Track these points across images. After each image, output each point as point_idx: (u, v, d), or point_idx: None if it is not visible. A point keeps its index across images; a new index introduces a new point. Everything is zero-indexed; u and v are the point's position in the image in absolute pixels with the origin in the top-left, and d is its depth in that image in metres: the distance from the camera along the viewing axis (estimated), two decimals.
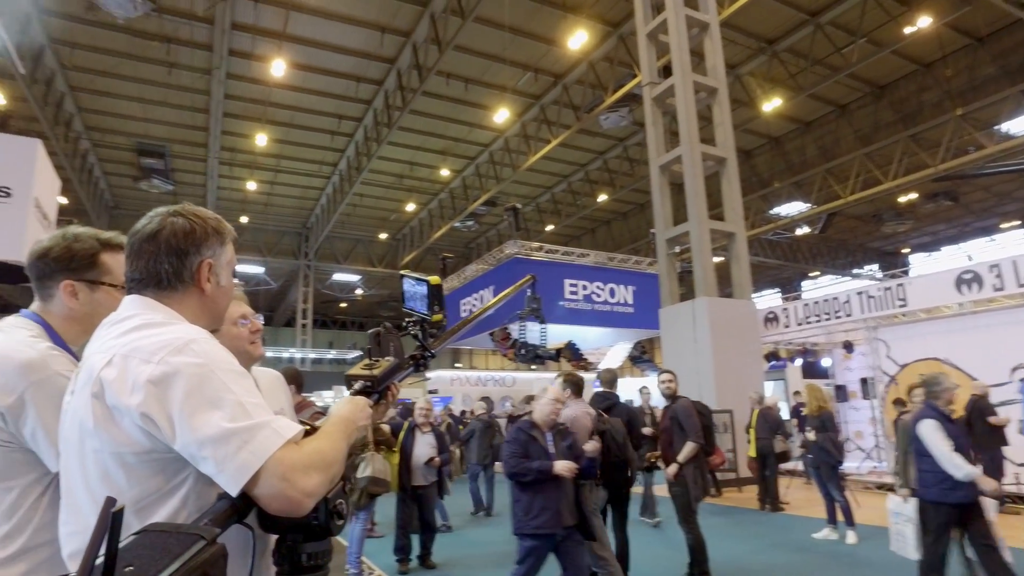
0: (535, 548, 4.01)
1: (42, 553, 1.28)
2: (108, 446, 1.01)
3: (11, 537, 1.28)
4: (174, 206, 1.24)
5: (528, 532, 3.98)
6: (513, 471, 4.03)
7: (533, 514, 3.97)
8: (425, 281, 1.52)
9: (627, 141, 19.86)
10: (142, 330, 1.07)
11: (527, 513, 3.98)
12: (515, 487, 4.10)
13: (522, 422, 4.23)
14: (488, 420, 10.19)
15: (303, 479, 0.97)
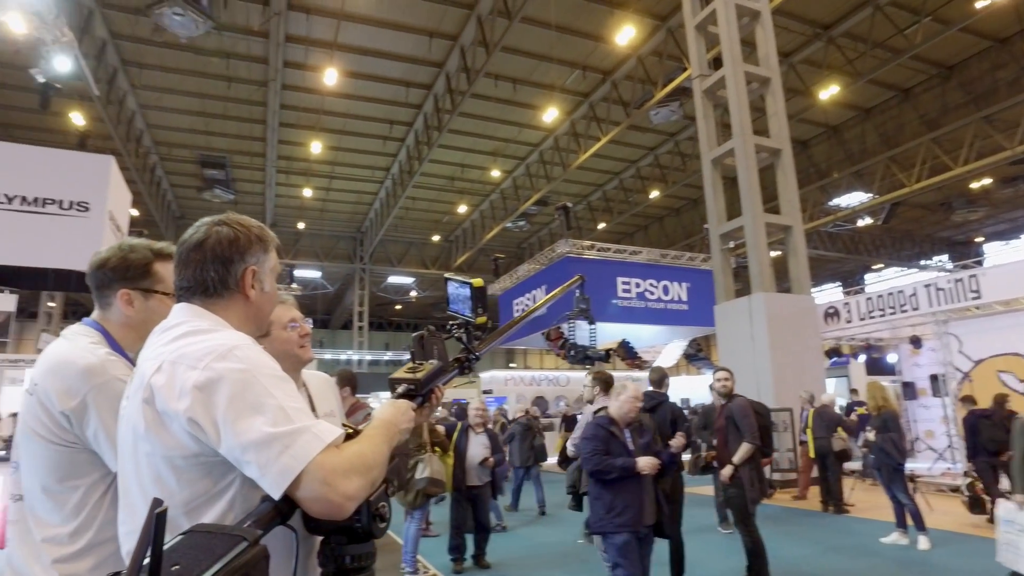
0: (628, 544, 3.89)
1: (108, 548, 1.34)
2: (159, 450, 1.04)
3: (79, 533, 1.35)
4: (219, 215, 1.27)
5: (611, 530, 3.88)
6: (597, 468, 3.92)
7: (616, 512, 3.89)
8: (468, 284, 1.53)
9: (678, 136, 19.52)
10: (189, 337, 1.11)
11: (609, 511, 3.90)
12: (595, 485, 4.00)
13: (599, 418, 4.14)
14: (527, 422, 10.24)
15: (343, 482, 0.99)
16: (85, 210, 10.05)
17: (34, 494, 1.40)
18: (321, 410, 1.81)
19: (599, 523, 3.95)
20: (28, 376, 1.52)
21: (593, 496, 4.02)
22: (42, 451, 1.38)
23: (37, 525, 1.38)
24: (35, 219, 9.64)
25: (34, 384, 1.42)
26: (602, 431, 4.03)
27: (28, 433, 1.41)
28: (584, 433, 4.11)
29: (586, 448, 4.02)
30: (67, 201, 9.88)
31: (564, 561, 6.58)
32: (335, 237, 27.15)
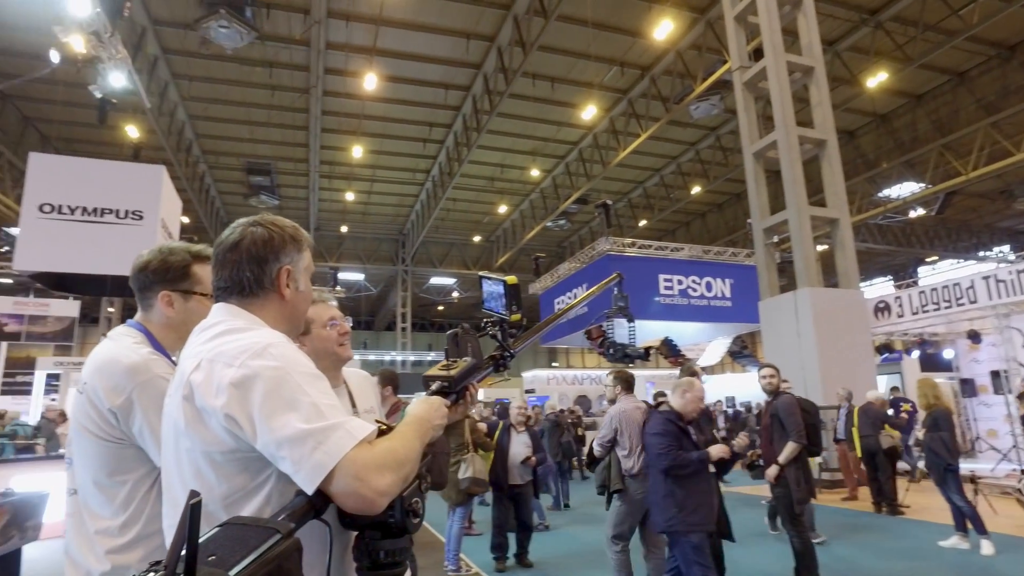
0: (703, 544, 3.74)
1: (155, 540, 1.39)
2: (198, 445, 1.08)
3: (128, 525, 1.41)
4: (254, 216, 1.30)
5: (685, 530, 3.72)
6: (674, 463, 3.78)
7: (690, 510, 3.75)
8: (502, 281, 1.53)
9: (719, 130, 19.18)
10: (226, 335, 1.14)
11: (682, 509, 3.75)
12: (666, 482, 3.84)
13: (666, 413, 4.03)
14: (555, 419, 10.30)
15: (376, 478, 1.00)
16: (139, 218, 10.48)
17: (87, 488, 1.46)
18: (361, 407, 1.84)
19: (671, 522, 3.77)
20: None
21: (662, 494, 3.85)
22: (92, 447, 1.44)
23: (90, 517, 1.44)
24: (94, 228, 10.09)
25: (83, 383, 1.48)
26: (672, 426, 3.91)
27: (79, 430, 1.47)
28: (653, 429, 4.01)
29: (659, 443, 3.88)
30: (123, 210, 10.32)
31: (606, 561, 6.54)
32: (377, 240, 27.57)
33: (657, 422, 4.07)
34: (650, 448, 3.99)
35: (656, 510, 3.91)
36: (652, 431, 4.05)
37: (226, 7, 11.67)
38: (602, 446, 4.91)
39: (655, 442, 3.95)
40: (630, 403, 4.96)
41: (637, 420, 4.79)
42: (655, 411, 4.27)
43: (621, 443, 4.80)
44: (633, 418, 4.81)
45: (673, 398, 4.13)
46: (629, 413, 4.85)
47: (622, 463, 4.78)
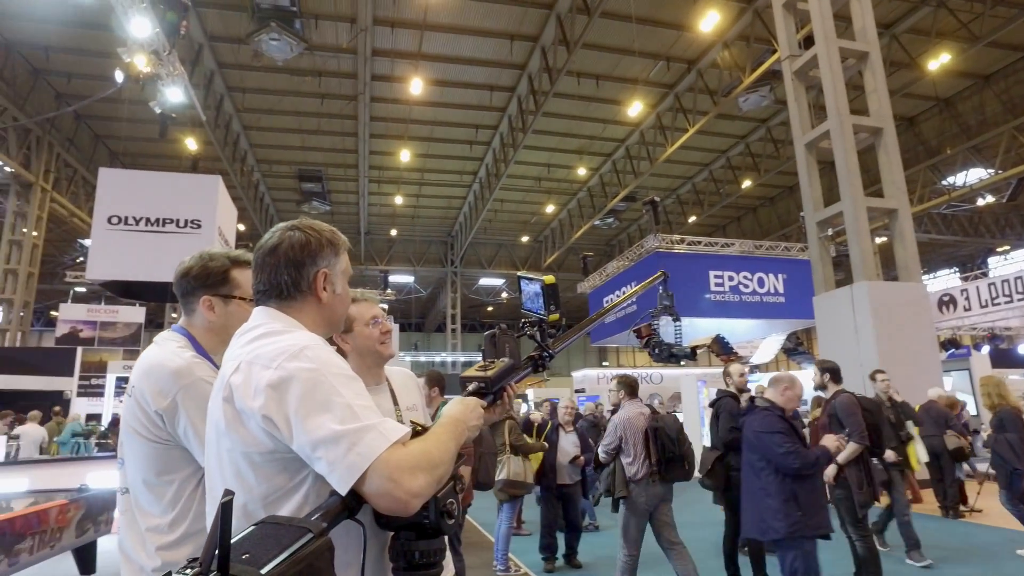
0: (814, 550, 3.48)
1: (202, 538, 1.41)
2: (238, 446, 1.10)
3: (177, 523, 1.46)
4: (292, 221, 1.32)
5: (806, 534, 3.43)
6: (804, 462, 3.49)
7: (811, 513, 3.46)
8: (539, 281, 1.52)
9: (770, 122, 18.69)
10: (264, 338, 1.16)
11: (806, 512, 3.45)
12: (787, 484, 3.53)
13: (774, 409, 3.76)
14: (594, 419, 10.15)
15: (409, 479, 1.01)
16: (198, 227, 10.93)
17: (137, 487, 1.51)
18: (403, 404, 1.86)
19: (795, 527, 3.43)
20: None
21: (783, 498, 3.51)
22: (142, 448, 1.50)
23: (141, 515, 1.49)
24: (157, 238, 10.57)
25: (132, 386, 1.54)
26: (784, 423, 3.63)
27: (129, 431, 1.52)
28: (762, 427, 3.71)
29: (780, 442, 3.56)
30: (183, 220, 10.78)
31: (658, 563, 6.46)
32: (426, 242, 27.91)
33: (766, 420, 3.75)
34: (768, 447, 3.64)
35: (772, 516, 3.54)
36: (763, 429, 3.70)
37: (276, 20, 12.05)
38: (607, 453, 4.91)
39: (776, 441, 3.60)
40: (634, 409, 4.96)
41: (640, 426, 4.82)
42: (755, 408, 4.00)
43: (626, 450, 4.81)
44: (637, 424, 4.84)
45: (772, 393, 3.89)
46: (633, 420, 4.86)
47: (626, 469, 4.79)
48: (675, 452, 4.92)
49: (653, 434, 4.85)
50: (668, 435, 4.94)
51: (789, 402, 3.80)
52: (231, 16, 13.36)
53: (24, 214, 16.81)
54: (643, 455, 4.75)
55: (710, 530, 7.51)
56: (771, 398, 3.86)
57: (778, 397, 3.84)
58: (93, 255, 10.67)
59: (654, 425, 4.92)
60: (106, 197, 10.68)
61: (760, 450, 3.72)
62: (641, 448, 4.77)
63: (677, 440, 4.97)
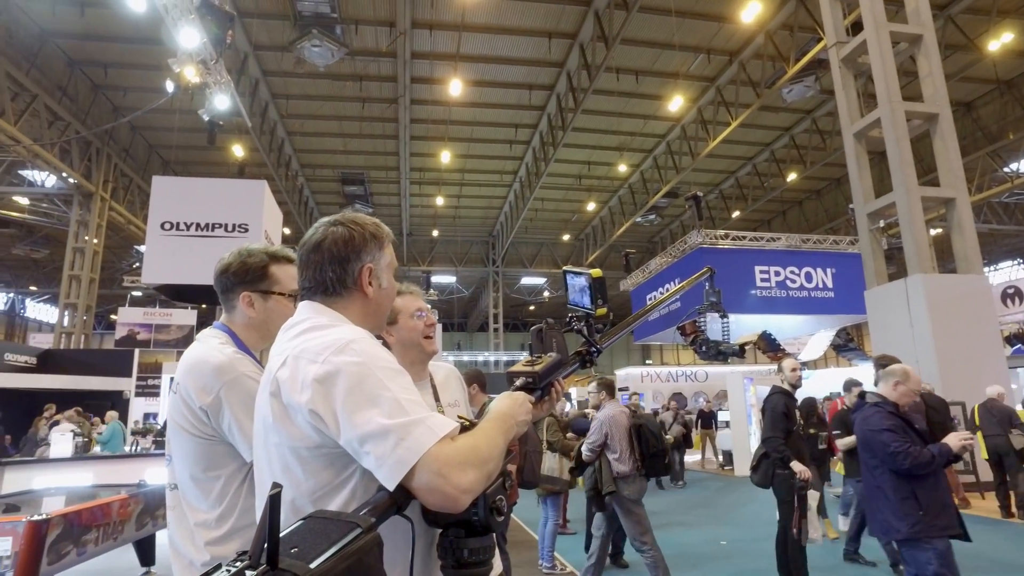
0: (949, 550, 3.24)
1: (248, 533, 1.43)
2: (286, 441, 1.09)
3: (224, 518, 1.47)
4: (335, 216, 1.31)
5: (931, 535, 3.22)
6: (917, 461, 3.27)
7: (935, 512, 3.26)
8: (586, 274, 1.48)
9: (815, 112, 18.17)
10: (310, 333, 1.14)
11: (928, 512, 3.26)
12: (904, 482, 3.34)
13: (885, 404, 3.54)
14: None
15: (458, 475, 0.99)
16: (245, 231, 11.20)
17: (185, 483, 1.53)
18: (445, 400, 1.86)
19: (916, 528, 3.25)
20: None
21: (901, 497, 3.35)
22: (188, 444, 1.51)
23: (189, 510, 1.51)
24: (207, 242, 10.87)
25: (177, 384, 1.55)
26: (897, 420, 3.45)
27: (176, 428, 1.53)
28: (872, 424, 3.50)
29: (890, 441, 3.36)
30: (231, 224, 11.06)
31: (704, 563, 6.36)
32: (468, 242, 28.08)
33: (877, 416, 3.53)
34: (877, 447, 3.44)
35: (892, 516, 3.37)
36: (873, 427, 3.50)
37: (318, 27, 12.30)
38: (592, 451, 5.06)
39: (884, 439, 3.40)
40: (615, 408, 5.19)
41: (624, 424, 5.08)
42: (865, 404, 3.78)
43: (611, 447, 5.02)
44: (620, 422, 5.08)
45: (883, 388, 3.65)
46: (617, 418, 5.09)
47: (613, 466, 4.95)
48: (658, 447, 5.18)
49: (637, 431, 5.13)
50: (651, 431, 5.22)
51: (903, 397, 3.56)
52: (274, 25, 13.69)
53: (86, 222, 17.55)
54: (628, 451, 4.98)
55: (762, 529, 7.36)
56: (883, 393, 3.63)
57: (890, 392, 3.61)
58: (148, 260, 11.05)
59: (637, 422, 5.20)
60: (159, 204, 11.04)
61: (870, 449, 3.53)
62: (627, 445, 4.99)
63: (659, 436, 5.27)
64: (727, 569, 6.00)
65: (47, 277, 27.26)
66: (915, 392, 3.56)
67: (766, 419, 4.92)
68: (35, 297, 32.59)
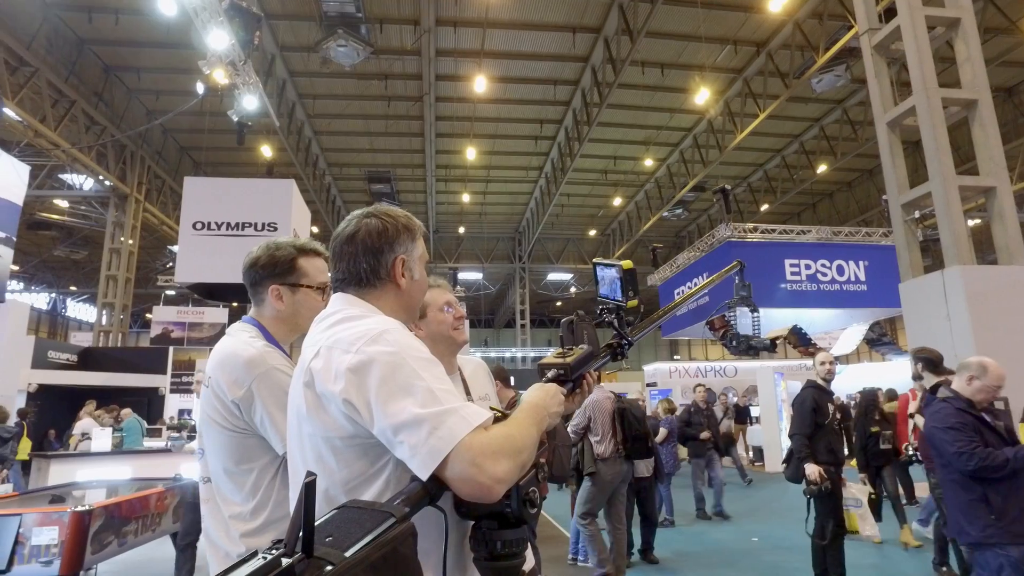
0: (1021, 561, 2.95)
1: (282, 525, 1.45)
2: (319, 431, 1.09)
3: (258, 510, 1.47)
4: (368, 208, 1.32)
5: (1007, 541, 2.98)
6: (985, 464, 3.01)
7: (1012, 517, 2.98)
8: (617, 265, 1.48)
9: (846, 102, 17.77)
10: (343, 323, 1.16)
11: (1002, 516, 2.99)
12: (974, 485, 3.09)
13: (955, 400, 3.29)
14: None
15: (492, 465, 0.97)
16: (275, 230, 11.37)
17: (218, 476, 1.54)
18: (475, 393, 1.87)
19: (988, 532, 3.02)
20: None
21: (972, 499, 3.11)
22: (220, 437, 1.52)
23: (223, 503, 1.52)
24: (237, 241, 11.05)
25: (208, 377, 1.56)
26: (968, 416, 3.19)
27: (208, 421, 1.55)
28: (938, 421, 3.27)
29: (954, 440, 3.13)
30: (260, 223, 11.23)
31: (735, 560, 6.30)
32: (494, 239, 28.11)
33: (944, 412, 3.27)
34: (940, 445, 3.22)
35: (962, 518, 3.14)
36: (938, 424, 3.25)
37: (343, 27, 12.40)
38: (576, 433, 5.28)
39: (947, 438, 3.15)
40: (600, 393, 5.43)
41: (608, 408, 5.39)
42: (934, 398, 3.56)
43: (594, 429, 5.29)
44: (604, 407, 5.37)
45: (958, 382, 3.39)
46: (600, 403, 5.37)
47: (594, 448, 5.20)
48: (639, 431, 5.50)
49: (620, 415, 5.43)
50: (634, 415, 5.54)
51: (978, 393, 3.25)
52: (300, 26, 13.84)
53: (121, 224, 17.98)
54: (610, 434, 5.26)
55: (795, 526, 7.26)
56: (957, 388, 3.35)
57: (963, 387, 3.31)
58: (180, 259, 11.29)
59: (620, 407, 5.50)
60: (191, 204, 11.27)
61: (934, 447, 3.30)
62: (608, 428, 5.27)
63: (641, 420, 5.61)
64: (760, 566, 5.93)
65: (86, 277, 28.01)
66: (994, 388, 3.25)
67: (794, 415, 4.87)
68: (75, 297, 33.56)
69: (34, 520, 4.05)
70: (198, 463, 1.66)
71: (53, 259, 25.75)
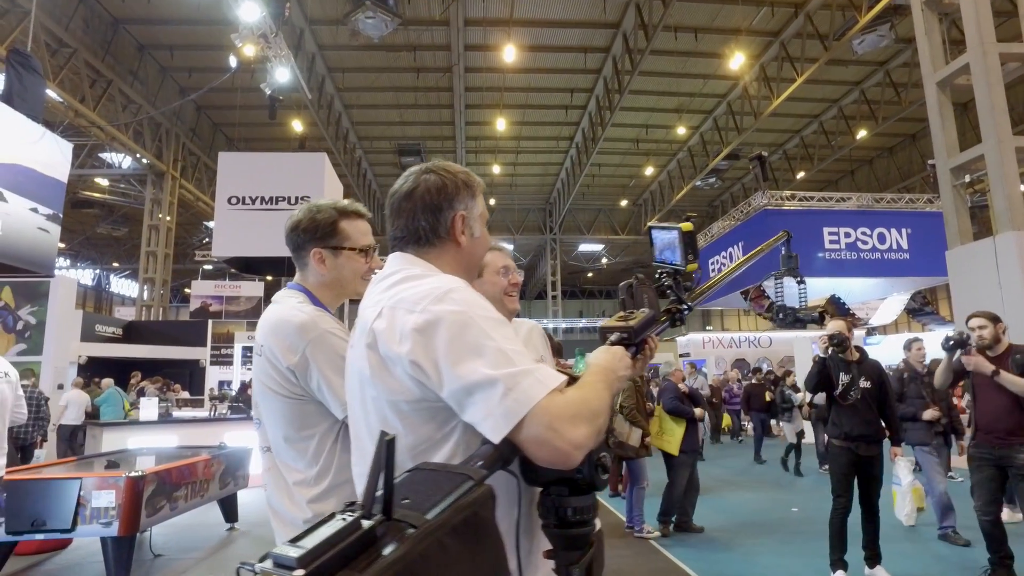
0: None
1: (346, 490, 1.44)
2: (384, 394, 1.05)
3: (321, 476, 1.46)
4: (427, 164, 1.28)
5: None
6: None
7: None
8: (676, 229, 1.43)
9: (889, 64, 17.10)
10: (405, 283, 1.11)
11: None
12: None
13: None
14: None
15: (571, 429, 0.93)
16: None
17: (279, 444, 1.53)
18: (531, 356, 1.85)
19: None
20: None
21: None
22: (278, 405, 1.50)
23: (286, 471, 1.51)
24: (271, 215, 11.15)
25: (261, 345, 1.54)
26: None
27: (264, 390, 1.53)
28: None
29: None
30: (293, 197, 11.30)
31: (775, 529, 6.27)
32: (525, 210, 28.00)
33: None
34: None
35: None
36: None
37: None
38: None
39: None
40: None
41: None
42: None
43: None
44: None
45: None
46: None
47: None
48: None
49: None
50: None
51: None
52: None
53: (159, 201, 18.34)
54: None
55: None
56: None
57: None
58: (217, 234, 11.46)
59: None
60: (226, 179, 11.38)
61: None
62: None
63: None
64: (801, 537, 5.89)
65: (127, 254, 28.74)
66: None
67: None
68: (118, 273, 34.52)
69: (93, 484, 4.23)
70: (256, 432, 1.64)
71: (96, 236, 26.47)
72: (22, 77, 7.18)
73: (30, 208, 7.08)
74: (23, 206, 6.94)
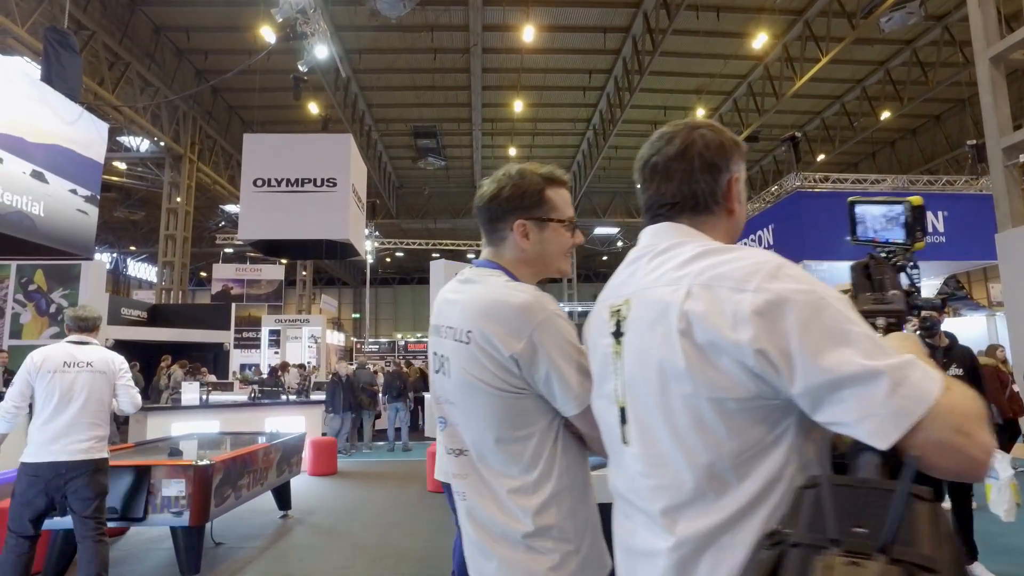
0: None
1: (572, 496, 1.29)
2: (704, 390, 0.89)
3: (541, 483, 1.27)
4: (689, 120, 1.13)
5: None
6: None
7: None
8: (904, 203, 1.28)
9: (916, 42, 16.76)
10: (710, 256, 0.94)
11: None
12: None
13: None
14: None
15: (981, 432, 0.79)
16: (333, 186, 11.26)
17: (486, 447, 1.32)
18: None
19: None
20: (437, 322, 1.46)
21: None
22: (490, 401, 1.29)
23: (495, 477, 1.31)
24: (297, 198, 11.01)
25: (468, 332, 1.31)
26: None
27: (470, 385, 1.32)
28: None
29: None
30: (319, 179, 11.15)
31: None
32: None
33: None
34: None
35: None
36: None
37: None
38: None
39: None
40: None
41: None
42: None
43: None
44: None
45: None
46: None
47: None
48: None
49: None
50: None
51: None
52: None
53: (177, 184, 18.25)
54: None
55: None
56: None
57: None
58: (243, 217, 11.31)
59: None
60: (251, 161, 11.23)
61: None
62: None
63: None
64: None
65: (144, 238, 28.72)
66: None
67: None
68: (135, 256, 34.54)
69: (163, 472, 4.18)
70: (440, 434, 1.47)
71: (113, 220, 26.40)
72: (60, 55, 7.03)
73: (69, 190, 6.99)
74: (63, 187, 6.85)
